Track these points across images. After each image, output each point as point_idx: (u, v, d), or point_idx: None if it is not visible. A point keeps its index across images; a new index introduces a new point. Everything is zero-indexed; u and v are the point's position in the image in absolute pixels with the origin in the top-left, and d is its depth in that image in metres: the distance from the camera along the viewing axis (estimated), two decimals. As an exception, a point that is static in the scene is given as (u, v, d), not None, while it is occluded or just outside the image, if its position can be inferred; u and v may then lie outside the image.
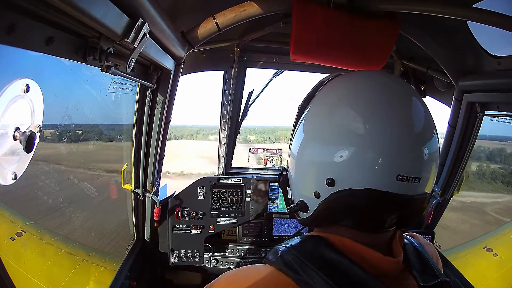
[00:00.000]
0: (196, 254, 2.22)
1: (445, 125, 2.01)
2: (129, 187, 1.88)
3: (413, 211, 0.70)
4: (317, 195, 0.71)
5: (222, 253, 2.42)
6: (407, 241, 0.76)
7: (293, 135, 0.81)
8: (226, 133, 2.57)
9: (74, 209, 1.41)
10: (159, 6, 1.06)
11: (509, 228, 2.02)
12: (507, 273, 1.80)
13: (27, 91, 0.87)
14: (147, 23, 0.95)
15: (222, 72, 2.37)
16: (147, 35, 0.98)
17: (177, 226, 2.18)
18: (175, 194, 2.22)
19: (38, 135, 0.91)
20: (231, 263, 2.40)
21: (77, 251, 1.43)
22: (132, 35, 0.91)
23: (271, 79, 2.59)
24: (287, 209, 0.84)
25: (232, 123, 2.56)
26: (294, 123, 0.84)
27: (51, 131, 1.18)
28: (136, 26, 0.91)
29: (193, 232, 2.21)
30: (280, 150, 3.18)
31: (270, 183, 2.40)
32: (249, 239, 2.45)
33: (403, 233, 0.79)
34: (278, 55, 2.30)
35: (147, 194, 1.93)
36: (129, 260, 1.85)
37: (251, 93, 2.51)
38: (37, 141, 0.89)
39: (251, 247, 2.44)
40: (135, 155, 1.81)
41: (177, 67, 1.59)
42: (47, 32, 0.79)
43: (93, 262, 1.53)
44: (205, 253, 2.32)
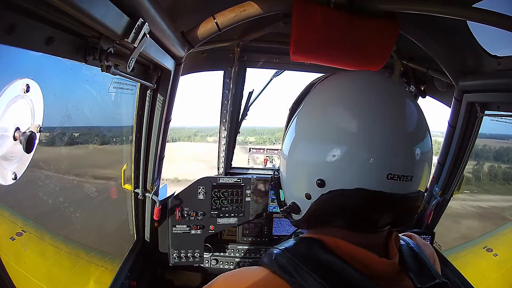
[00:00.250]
0: (196, 254, 2.22)
1: (445, 125, 2.01)
2: (129, 187, 1.87)
3: (407, 209, 0.70)
4: (308, 197, 0.71)
5: (222, 253, 2.41)
6: (403, 242, 0.76)
7: (284, 135, 0.81)
8: (226, 133, 2.57)
9: (73, 209, 1.41)
10: (159, 6, 1.06)
11: (509, 228, 2.01)
12: (507, 273, 1.80)
13: (27, 91, 0.87)
14: (147, 23, 0.95)
15: (222, 72, 2.37)
16: (147, 35, 0.98)
17: (177, 226, 2.18)
18: (175, 194, 2.22)
19: (38, 135, 0.91)
20: (231, 263, 2.40)
21: (77, 251, 1.43)
22: (132, 35, 0.91)
23: (271, 79, 2.59)
24: (280, 211, 0.84)
25: (232, 123, 2.56)
26: (286, 123, 0.84)
27: (51, 131, 1.18)
28: (136, 26, 0.91)
29: (193, 232, 2.21)
30: (280, 150, 3.17)
31: (270, 183, 2.40)
32: (249, 239, 2.45)
33: (400, 234, 0.79)
34: (278, 55, 2.30)
35: (147, 194, 1.92)
36: (129, 260, 1.85)
37: (251, 93, 2.51)
38: (37, 141, 0.89)
39: (251, 247, 2.44)
40: (135, 155, 1.81)
41: (177, 67, 1.59)
42: (47, 32, 0.79)
43: (93, 262, 1.53)
44: (205, 253, 2.32)
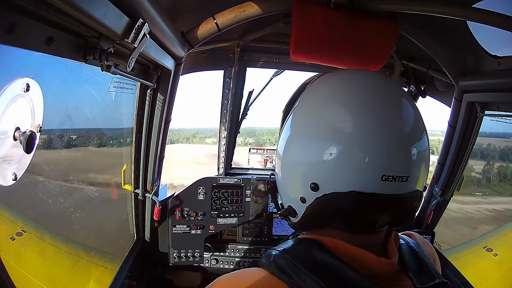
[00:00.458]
0: (196, 254, 2.22)
1: (445, 125, 2.01)
2: (129, 187, 1.87)
3: (405, 209, 0.70)
4: (303, 200, 0.71)
5: (222, 253, 2.42)
6: (403, 241, 0.76)
7: (279, 135, 0.81)
8: (226, 133, 2.57)
9: (73, 209, 1.41)
10: (159, 6, 1.05)
11: (509, 228, 2.01)
12: (507, 273, 1.80)
13: (27, 90, 0.87)
14: (147, 23, 0.95)
15: (221, 72, 2.37)
16: (147, 35, 0.97)
17: (177, 226, 2.18)
18: (175, 194, 2.22)
19: (38, 135, 0.91)
20: (231, 263, 2.40)
21: (77, 251, 1.43)
22: (132, 35, 0.91)
23: (271, 79, 2.59)
24: (278, 214, 0.84)
25: (232, 123, 2.56)
26: (281, 123, 0.83)
27: (51, 131, 1.18)
28: (136, 26, 0.91)
29: (193, 232, 2.21)
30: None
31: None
32: (249, 239, 2.45)
33: (399, 232, 0.78)
34: (278, 55, 2.30)
35: (147, 194, 1.92)
36: (129, 260, 1.85)
37: (251, 93, 2.51)
38: (37, 141, 0.89)
39: (251, 247, 2.44)
40: (135, 156, 1.81)
41: (177, 67, 1.59)
42: (47, 32, 0.78)
43: (93, 262, 1.53)
44: (205, 253, 2.32)
